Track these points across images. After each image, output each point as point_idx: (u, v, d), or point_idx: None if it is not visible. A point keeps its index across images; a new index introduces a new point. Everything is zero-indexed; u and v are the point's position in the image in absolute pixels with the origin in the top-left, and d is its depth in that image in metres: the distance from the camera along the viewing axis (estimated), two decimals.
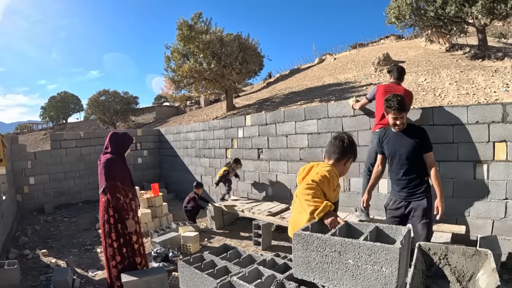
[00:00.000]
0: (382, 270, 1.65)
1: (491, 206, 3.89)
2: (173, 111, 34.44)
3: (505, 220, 3.82)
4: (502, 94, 10.18)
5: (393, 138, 3.21)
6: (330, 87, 17.64)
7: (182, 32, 17.94)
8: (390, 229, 2.00)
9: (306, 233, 1.87)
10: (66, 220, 7.68)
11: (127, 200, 3.77)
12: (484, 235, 3.87)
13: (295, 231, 1.93)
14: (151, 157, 10.92)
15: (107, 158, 3.64)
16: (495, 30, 29.84)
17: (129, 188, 3.87)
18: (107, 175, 3.56)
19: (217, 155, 7.85)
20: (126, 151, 3.88)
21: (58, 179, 8.93)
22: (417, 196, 3.12)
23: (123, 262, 3.70)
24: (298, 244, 1.88)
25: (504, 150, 3.75)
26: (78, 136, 9.44)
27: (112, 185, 3.56)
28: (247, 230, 5.90)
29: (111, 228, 3.64)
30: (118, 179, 3.66)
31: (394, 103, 3.00)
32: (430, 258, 2.79)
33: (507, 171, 3.75)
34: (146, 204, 6.71)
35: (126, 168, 3.91)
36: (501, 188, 3.80)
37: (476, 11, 16.57)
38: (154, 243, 5.25)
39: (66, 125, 47.95)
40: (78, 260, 5.11)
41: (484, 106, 3.90)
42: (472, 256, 2.66)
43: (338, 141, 2.47)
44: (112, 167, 3.62)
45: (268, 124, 6.39)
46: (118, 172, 3.69)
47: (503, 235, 3.83)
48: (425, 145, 3.05)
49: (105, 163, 3.60)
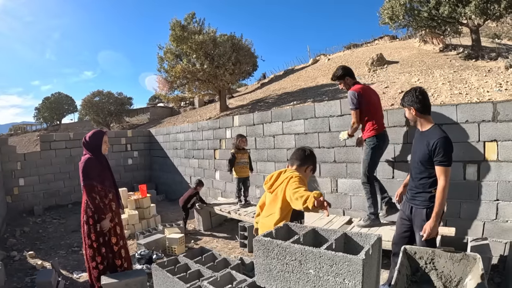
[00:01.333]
0: (345, 283, 1.49)
1: (481, 208, 3.80)
2: (167, 112, 34.25)
3: (496, 221, 3.73)
4: (495, 94, 10.09)
5: (417, 137, 2.99)
6: (323, 88, 17.54)
7: (175, 32, 17.77)
8: (359, 236, 1.84)
9: (266, 239, 1.73)
10: (55, 221, 7.66)
11: (106, 201, 3.70)
12: (474, 237, 3.78)
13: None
14: (142, 158, 10.83)
15: (84, 159, 3.59)
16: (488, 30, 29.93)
17: (109, 188, 3.79)
18: (83, 175, 3.51)
19: (206, 156, 7.72)
20: (101, 148, 3.76)
21: (47, 181, 8.88)
22: (417, 203, 2.88)
23: (103, 263, 3.65)
24: (259, 250, 1.75)
25: (494, 150, 3.66)
26: (67, 137, 9.37)
27: (87, 185, 3.50)
28: (235, 232, 5.78)
29: (90, 228, 3.59)
30: (96, 179, 3.59)
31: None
32: (416, 263, 2.67)
33: (498, 171, 3.66)
34: (134, 205, 6.60)
35: (106, 168, 3.81)
36: (492, 189, 3.71)
37: (469, 12, 16.52)
38: (139, 245, 5.16)
39: (60, 126, 47.56)
40: (64, 262, 5.09)
41: (474, 105, 3.81)
42: (460, 260, 2.54)
43: (301, 151, 2.82)
44: (88, 167, 3.55)
45: (255, 125, 6.28)
46: (95, 172, 3.60)
47: (494, 237, 3.75)
48: (435, 156, 2.68)
49: (81, 164, 3.56)
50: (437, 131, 2.76)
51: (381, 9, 20.62)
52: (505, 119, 3.60)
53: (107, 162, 3.88)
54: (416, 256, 2.61)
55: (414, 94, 2.80)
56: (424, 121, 2.85)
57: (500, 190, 3.66)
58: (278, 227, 1.98)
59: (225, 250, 5.28)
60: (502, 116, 3.61)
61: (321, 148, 5.06)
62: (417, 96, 2.79)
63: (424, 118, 2.84)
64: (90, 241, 3.60)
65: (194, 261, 2.91)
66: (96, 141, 3.73)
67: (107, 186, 3.74)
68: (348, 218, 4.61)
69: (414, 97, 2.80)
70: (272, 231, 1.89)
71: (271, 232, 1.88)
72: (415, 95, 2.80)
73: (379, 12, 21.10)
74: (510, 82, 11.18)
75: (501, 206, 3.68)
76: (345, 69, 4.19)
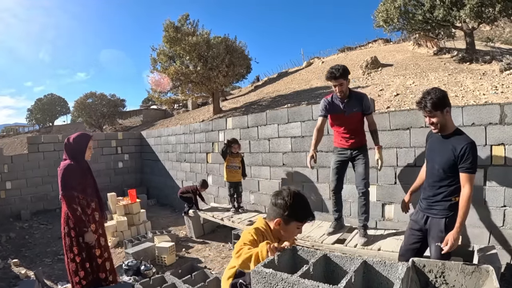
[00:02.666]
0: None
1: (488, 214, 3.62)
2: (161, 114, 34.02)
3: (503, 228, 3.56)
4: (491, 97, 10.02)
5: (434, 141, 2.75)
6: (317, 90, 17.43)
7: (168, 33, 17.58)
8: (382, 265, 1.53)
9: (267, 272, 1.41)
10: (43, 227, 7.45)
11: (89, 211, 3.45)
12: (480, 245, 3.58)
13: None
14: (132, 161, 10.56)
15: (63, 165, 3.31)
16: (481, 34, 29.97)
17: (91, 197, 3.52)
18: (62, 184, 3.27)
19: (198, 160, 7.49)
20: (85, 154, 3.48)
21: (35, 184, 8.60)
22: (434, 213, 2.65)
23: (87, 278, 3.38)
24: (258, 284, 1.43)
25: (502, 154, 3.49)
26: (56, 139, 9.10)
27: (66, 196, 3.23)
28: (228, 239, 5.55)
29: (72, 241, 3.33)
30: (76, 188, 3.32)
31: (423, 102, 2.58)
32: (425, 277, 2.46)
33: (506, 176, 3.48)
34: (123, 211, 6.34)
35: (88, 175, 3.54)
36: (499, 194, 3.54)
37: (464, 15, 16.48)
38: (127, 254, 4.91)
39: (53, 128, 47.03)
40: (49, 271, 4.92)
41: (480, 107, 3.63)
42: (472, 273, 2.34)
43: (273, 196, 2.20)
44: (67, 176, 3.28)
45: (249, 127, 6.05)
46: (76, 180, 3.33)
47: (501, 245, 3.57)
48: (463, 162, 2.48)
49: (60, 171, 3.28)
50: (463, 136, 2.58)
51: (376, 12, 20.58)
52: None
53: (89, 167, 3.62)
54: (425, 270, 2.42)
55: (445, 95, 2.55)
56: (451, 124, 2.63)
57: (507, 196, 3.49)
58: (281, 252, 1.64)
59: (218, 259, 5.05)
60: (509, 118, 3.45)
61: (319, 152, 4.84)
62: (447, 97, 2.57)
63: (451, 121, 2.63)
64: (73, 254, 3.35)
65: (183, 281, 2.65)
66: (80, 145, 3.46)
67: (89, 195, 3.50)
68: (349, 227, 4.41)
69: (447, 98, 2.56)
70: (274, 258, 1.59)
71: (273, 260, 1.57)
72: (445, 95, 2.56)
73: (373, 15, 21.07)
74: (506, 85, 11.14)
75: (508, 212, 3.51)
76: (346, 68, 3.77)
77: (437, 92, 2.53)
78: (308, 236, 4.14)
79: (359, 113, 3.80)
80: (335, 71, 3.66)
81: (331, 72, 3.69)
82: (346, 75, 3.68)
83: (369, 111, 3.79)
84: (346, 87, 3.74)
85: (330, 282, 1.29)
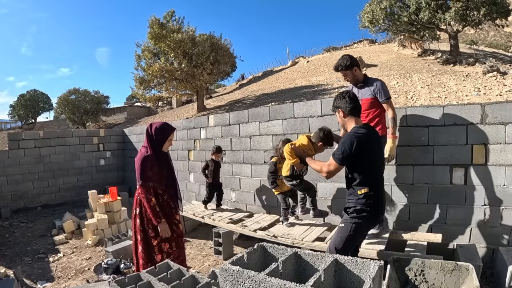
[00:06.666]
0: None
1: (469, 213, 3.62)
2: (145, 111, 33.83)
3: (484, 227, 3.57)
4: (474, 98, 10.14)
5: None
6: (302, 89, 17.47)
7: (153, 30, 17.43)
8: (354, 264, 1.48)
9: (235, 269, 1.35)
10: (23, 225, 7.24)
11: (164, 202, 3.51)
12: (461, 243, 3.62)
13: None
14: (115, 158, 10.35)
15: (141, 156, 3.37)
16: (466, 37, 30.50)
17: (167, 188, 3.57)
18: (140, 174, 3.32)
19: (180, 157, 7.36)
20: (163, 145, 3.47)
21: (16, 182, 8.32)
22: None
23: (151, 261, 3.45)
24: (226, 282, 1.37)
25: (483, 153, 3.49)
26: (37, 135, 8.85)
27: (143, 185, 3.32)
28: (210, 237, 5.46)
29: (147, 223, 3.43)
30: (152, 179, 3.38)
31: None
32: (405, 275, 2.43)
33: (486, 175, 3.48)
34: (104, 209, 6.21)
35: (164, 166, 3.55)
36: (480, 193, 3.54)
37: (449, 17, 16.72)
38: (107, 252, 4.81)
39: (35, 125, 46.28)
40: (29, 270, 4.79)
41: (461, 107, 3.62)
42: (452, 271, 2.30)
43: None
44: (144, 166, 3.33)
45: (231, 125, 5.96)
46: (153, 170, 3.38)
47: (482, 243, 3.59)
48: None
49: (138, 161, 3.34)
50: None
51: (362, 12, 20.74)
52: (494, 121, 3.43)
53: (167, 158, 3.61)
54: (405, 268, 2.39)
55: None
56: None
57: (488, 195, 3.50)
58: (251, 249, 1.59)
59: (198, 257, 4.96)
60: (490, 118, 3.44)
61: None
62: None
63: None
64: (143, 234, 3.43)
65: (158, 279, 2.57)
66: (162, 136, 3.43)
67: (164, 185, 3.51)
68: (329, 225, 4.35)
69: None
70: (244, 255, 1.52)
71: (242, 257, 1.50)
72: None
73: (359, 16, 21.21)
74: (488, 86, 11.29)
75: (489, 211, 3.51)
76: (352, 57, 3.73)
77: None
78: (288, 234, 4.07)
79: (370, 99, 3.66)
80: (337, 65, 3.76)
81: (335, 66, 3.82)
82: (350, 67, 3.68)
83: (383, 97, 3.59)
84: (351, 76, 3.73)
85: (302, 281, 1.23)
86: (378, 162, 2.92)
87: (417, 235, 3.70)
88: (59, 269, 4.79)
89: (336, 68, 3.77)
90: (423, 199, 3.83)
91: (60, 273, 4.66)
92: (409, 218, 3.97)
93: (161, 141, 3.43)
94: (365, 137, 2.68)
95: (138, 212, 3.42)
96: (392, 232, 3.84)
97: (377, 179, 2.82)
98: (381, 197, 2.85)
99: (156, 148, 3.40)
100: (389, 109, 3.57)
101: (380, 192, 2.84)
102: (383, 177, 3.00)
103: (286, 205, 4.50)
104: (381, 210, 2.87)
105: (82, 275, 4.53)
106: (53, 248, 5.68)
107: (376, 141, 2.90)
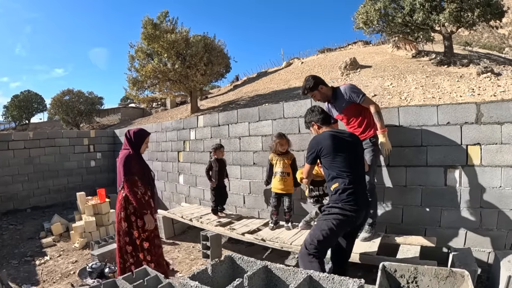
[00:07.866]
0: None
1: (464, 215, 3.52)
2: (139, 112, 33.63)
3: (479, 230, 3.46)
4: (468, 99, 10.08)
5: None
6: (296, 90, 17.40)
7: (146, 30, 17.30)
8: (330, 282, 1.33)
9: (192, 285, 1.23)
10: (12, 227, 7.12)
11: (146, 197, 3.76)
12: (456, 246, 3.50)
13: None
14: (105, 159, 10.17)
15: (124, 154, 3.64)
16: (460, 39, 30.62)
17: (147, 185, 3.86)
18: (124, 170, 3.55)
19: (170, 159, 7.23)
20: (141, 147, 3.84)
21: (5, 183, 8.14)
22: None
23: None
24: None
25: (478, 154, 3.38)
26: (27, 136, 8.69)
27: (129, 179, 3.56)
28: (199, 240, 5.32)
29: (132, 225, 3.71)
30: (136, 174, 3.65)
31: None
32: (397, 282, 2.30)
33: (482, 176, 3.38)
34: (92, 211, 6.11)
35: (144, 165, 3.91)
36: (475, 195, 3.43)
37: (443, 19, 16.71)
38: (93, 256, 4.71)
39: (29, 126, 45.90)
40: (15, 273, 4.73)
41: (456, 106, 3.50)
42: (446, 278, 2.17)
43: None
44: (128, 162, 3.61)
45: (220, 125, 5.84)
46: (136, 167, 3.67)
47: (477, 247, 3.47)
48: None
49: (121, 159, 3.61)
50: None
51: (356, 14, 20.69)
52: (489, 121, 3.32)
53: (143, 159, 3.93)
54: (396, 275, 2.28)
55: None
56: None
57: (484, 196, 3.40)
58: (217, 261, 1.45)
59: (186, 261, 4.84)
60: (486, 118, 3.34)
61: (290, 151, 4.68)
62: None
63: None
64: (129, 238, 3.68)
65: (134, 286, 2.44)
66: (139, 139, 3.81)
67: (145, 183, 3.80)
68: None
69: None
70: (207, 268, 1.38)
71: (206, 270, 1.36)
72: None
73: (353, 17, 21.16)
74: (482, 87, 11.24)
75: (485, 213, 3.41)
76: (315, 77, 3.73)
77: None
78: (277, 238, 3.97)
79: (348, 107, 3.60)
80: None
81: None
82: (315, 88, 3.67)
83: (358, 98, 3.51)
84: (319, 95, 3.71)
85: None
86: (352, 159, 2.82)
87: (410, 238, 3.57)
88: (45, 273, 4.70)
89: (303, 92, 3.78)
90: (416, 202, 3.73)
91: (45, 276, 4.58)
92: (402, 221, 3.85)
93: (139, 143, 3.80)
94: (329, 135, 2.82)
95: (123, 215, 3.65)
96: (384, 235, 3.71)
97: (350, 175, 2.74)
98: (357, 193, 2.73)
99: (136, 149, 3.75)
100: (370, 105, 3.49)
101: (356, 189, 2.73)
102: (361, 175, 2.94)
103: (276, 207, 4.41)
104: (356, 206, 2.71)
105: (67, 279, 4.44)
106: (41, 251, 5.60)
107: (349, 139, 2.93)
